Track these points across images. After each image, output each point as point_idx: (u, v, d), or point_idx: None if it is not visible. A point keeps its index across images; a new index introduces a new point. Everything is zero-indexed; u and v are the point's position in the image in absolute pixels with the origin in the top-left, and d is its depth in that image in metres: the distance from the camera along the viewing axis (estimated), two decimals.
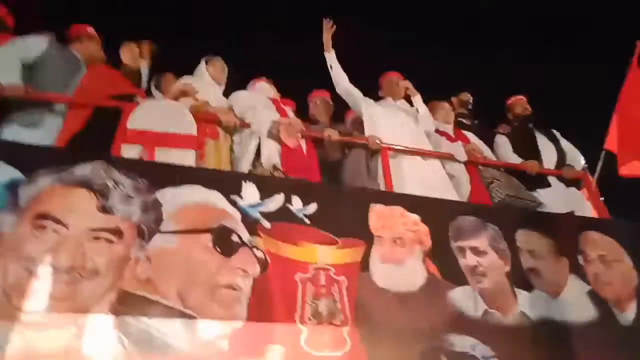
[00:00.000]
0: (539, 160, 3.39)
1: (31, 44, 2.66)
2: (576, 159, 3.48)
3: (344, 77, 3.41)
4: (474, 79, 5.05)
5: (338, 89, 3.42)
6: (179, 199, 1.91)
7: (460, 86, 4.33)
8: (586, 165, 3.42)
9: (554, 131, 3.66)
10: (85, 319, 1.49)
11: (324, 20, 3.40)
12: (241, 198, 2.03)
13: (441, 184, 2.99)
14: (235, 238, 1.90)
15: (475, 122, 4.09)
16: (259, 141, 2.72)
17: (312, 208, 2.14)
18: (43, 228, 1.63)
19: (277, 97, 3.33)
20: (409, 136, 3.21)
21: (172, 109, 2.51)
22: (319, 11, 3.52)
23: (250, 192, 2.08)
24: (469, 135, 3.62)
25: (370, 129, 3.20)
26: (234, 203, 2.00)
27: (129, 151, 2.24)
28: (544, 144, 3.52)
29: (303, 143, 2.87)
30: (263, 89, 3.31)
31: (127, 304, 1.57)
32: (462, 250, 2.31)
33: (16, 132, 2.38)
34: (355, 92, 3.41)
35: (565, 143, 3.58)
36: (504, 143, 3.62)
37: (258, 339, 1.69)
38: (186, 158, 2.32)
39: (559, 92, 6.34)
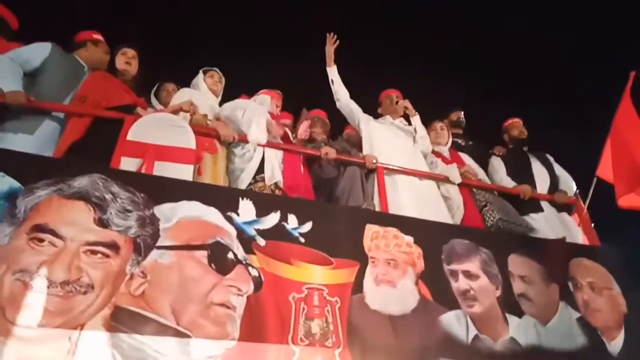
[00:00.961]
0: (532, 184, 3.44)
1: (34, 51, 2.67)
2: (568, 184, 3.54)
3: (345, 92, 3.46)
4: (469, 100, 5.12)
5: (338, 104, 3.47)
6: (176, 214, 1.92)
7: (455, 107, 4.39)
8: (578, 191, 3.47)
9: (547, 156, 3.72)
10: (78, 334, 1.49)
11: (327, 35, 3.45)
12: (238, 215, 2.04)
13: (436, 205, 3.02)
14: (230, 255, 1.91)
15: (469, 142, 4.14)
16: (263, 156, 2.74)
17: (307, 227, 2.16)
18: (40, 240, 1.63)
19: (277, 112, 3.36)
20: (406, 156, 3.25)
21: (173, 122, 2.52)
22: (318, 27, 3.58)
23: (246, 209, 2.09)
24: (463, 157, 3.66)
25: (367, 148, 3.23)
26: (229, 219, 2.01)
27: (128, 163, 2.24)
28: (537, 169, 3.58)
29: (301, 163, 2.90)
30: (263, 101, 3.32)
31: (121, 320, 1.57)
32: (454, 273, 2.33)
33: (12, 138, 2.38)
34: (355, 107, 3.45)
35: (558, 168, 3.64)
36: (498, 165, 3.67)
37: (250, 359, 1.69)
38: (184, 172, 2.32)
39: (553, 118, 6.44)
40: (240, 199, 2.10)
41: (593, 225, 3.27)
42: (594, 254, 2.80)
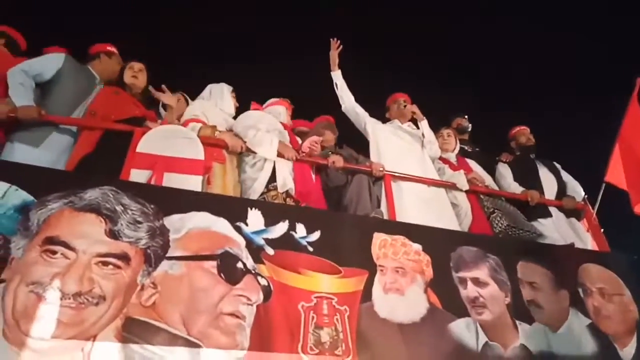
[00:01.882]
0: (540, 190, 3.43)
1: (47, 63, 2.71)
2: (576, 190, 3.53)
3: (350, 95, 3.47)
4: (476, 108, 5.13)
5: (343, 108, 3.48)
6: (185, 225, 1.94)
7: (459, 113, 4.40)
8: (586, 196, 3.46)
9: (554, 163, 3.71)
10: (91, 346, 1.51)
11: (331, 40, 3.48)
12: (246, 225, 2.06)
13: (443, 212, 3.02)
14: (239, 265, 1.92)
15: (476, 149, 4.15)
16: (274, 165, 2.77)
17: (315, 236, 2.17)
18: (52, 253, 1.65)
19: (289, 122, 3.37)
20: (414, 161, 3.26)
21: (181, 134, 2.55)
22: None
23: (255, 219, 2.11)
24: (471, 163, 3.66)
25: (374, 153, 3.24)
26: (238, 229, 2.02)
27: (138, 175, 2.27)
28: (545, 175, 3.58)
29: (312, 171, 2.92)
30: (278, 112, 3.34)
31: (132, 331, 1.58)
32: (463, 281, 2.33)
33: (25, 151, 2.42)
34: (361, 111, 3.46)
35: (565, 175, 3.63)
36: (505, 171, 3.67)
37: None
38: (193, 183, 2.35)
39: (560, 124, 6.42)
40: (249, 209, 2.12)
41: (602, 231, 3.25)
42: (604, 260, 2.78)
